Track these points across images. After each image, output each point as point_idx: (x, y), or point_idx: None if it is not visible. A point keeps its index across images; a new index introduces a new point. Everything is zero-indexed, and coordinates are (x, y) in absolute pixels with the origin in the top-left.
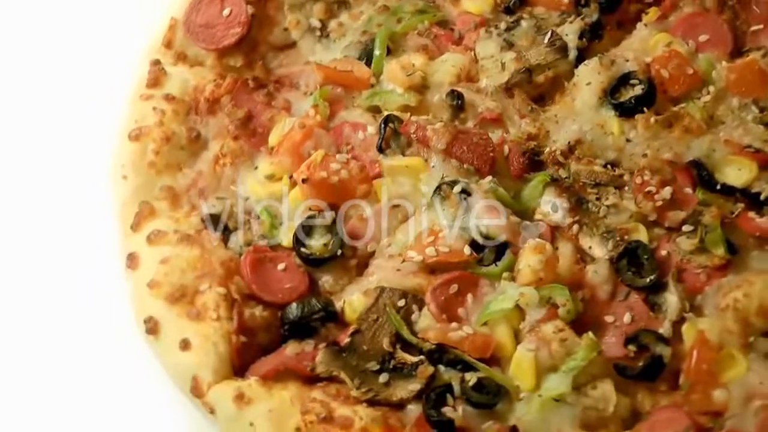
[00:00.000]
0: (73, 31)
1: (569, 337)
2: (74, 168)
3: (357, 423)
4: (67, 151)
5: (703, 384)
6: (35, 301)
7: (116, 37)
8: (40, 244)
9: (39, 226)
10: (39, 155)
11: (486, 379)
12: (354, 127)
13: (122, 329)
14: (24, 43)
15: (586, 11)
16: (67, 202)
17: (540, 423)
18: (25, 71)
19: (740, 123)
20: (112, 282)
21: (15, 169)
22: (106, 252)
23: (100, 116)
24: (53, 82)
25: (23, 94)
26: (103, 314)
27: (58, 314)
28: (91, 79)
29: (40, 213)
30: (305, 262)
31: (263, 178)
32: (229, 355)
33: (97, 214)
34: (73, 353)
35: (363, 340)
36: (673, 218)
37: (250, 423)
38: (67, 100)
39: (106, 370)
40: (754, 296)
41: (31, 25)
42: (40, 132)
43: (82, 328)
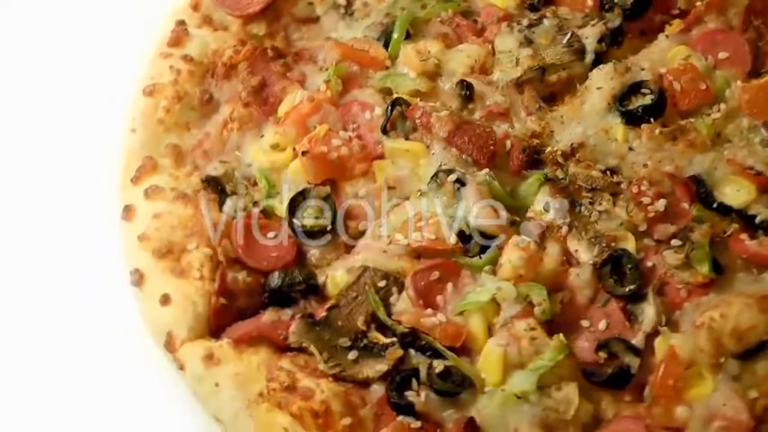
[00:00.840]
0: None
1: (540, 336)
2: (79, 156)
3: (318, 395)
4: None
5: (667, 399)
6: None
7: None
8: (43, 228)
9: (41, 212)
10: (44, 141)
11: (453, 368)
12: (362, 106)
13: (126, 329)
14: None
15: (609, 16)
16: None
17: (499, 418)
18: (35, 50)
19: (747, 144)
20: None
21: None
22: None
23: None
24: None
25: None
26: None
27: (59, 299)
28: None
29: (42, 200)
30: (295, 234)
31: (267, 147)
32: (206, 315)
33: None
34: (76, 341)
35: (339, 315)
36: (663, 231)
37: (216, 383)
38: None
39: (109, 357)
40: (730, 317)
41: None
42: (47, 118)
43: (85, 322)
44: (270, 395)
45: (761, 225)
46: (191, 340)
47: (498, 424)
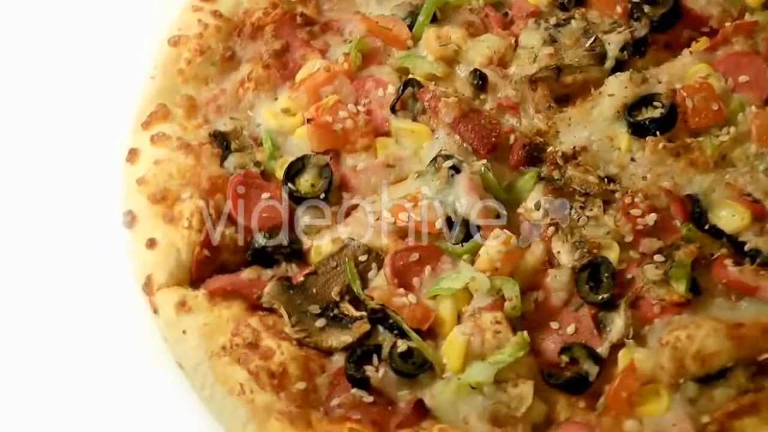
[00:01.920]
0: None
1: (503, 331)
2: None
3: (277, 357)
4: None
5: (618, 410)
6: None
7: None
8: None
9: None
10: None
11: (416, 350)
12: (377, 83)
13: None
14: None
15: (636, 25)
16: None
17: (451, 405)
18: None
19: (750, 170)
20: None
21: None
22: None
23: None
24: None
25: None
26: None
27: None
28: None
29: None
30: (290, 197)
31: (279, 110)
32: (188, 265)
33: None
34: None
35: (315, 283)
36: (648, 245)
37: (183, 331)
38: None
39: (112, 355)
40: (696, 340)
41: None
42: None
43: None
44: (232, 350)
45: (749, 253)
46: (169, 285)
47: (449, 410)
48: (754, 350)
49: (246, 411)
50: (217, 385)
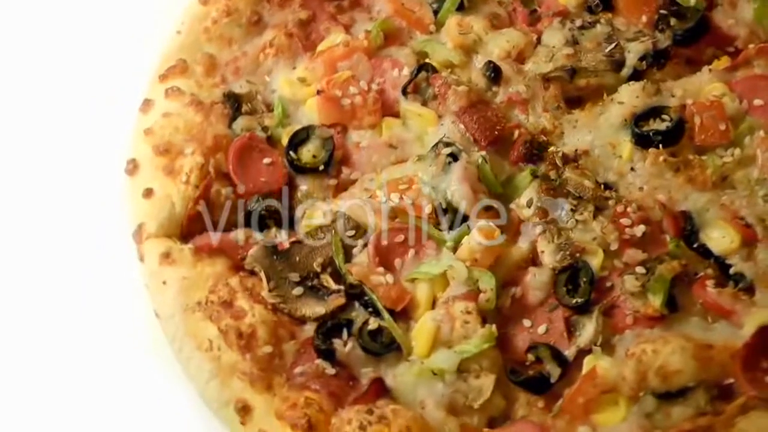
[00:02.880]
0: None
1: (472, 322)
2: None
3: (248, 318)
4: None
5: (572, 415)
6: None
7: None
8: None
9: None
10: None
11: (386, 329)
12: (394, 63)
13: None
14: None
15: (660, 36)
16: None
17: (411, 387)
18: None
19: (749, 194)
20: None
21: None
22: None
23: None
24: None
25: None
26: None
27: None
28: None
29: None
30: (290, 165)
31: (295, 79)
32: (180, 219)
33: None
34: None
35: (300, 251)
36: (632, 255)
37: (164, 281)
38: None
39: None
40: (661, 355)
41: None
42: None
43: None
44: (206, 306)
45: (733, 276)
46: (158, 236)
47: (408, 393)
48: (719, 374)
49: (211, 367)
50: (187, 338)
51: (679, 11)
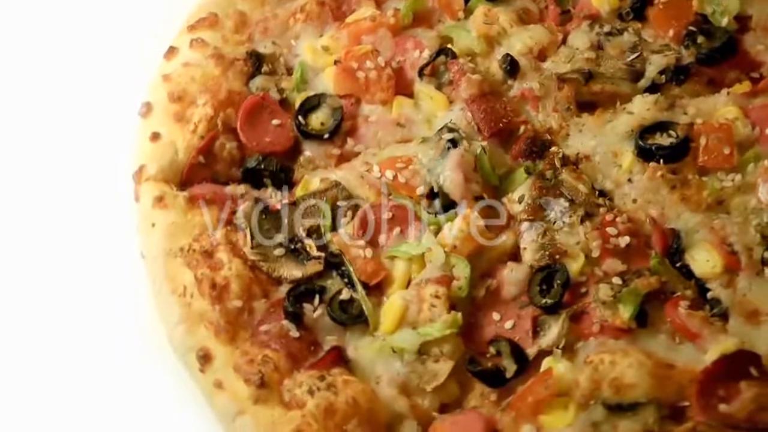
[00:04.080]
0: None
1: (439, 306)
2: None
3: (224, 271)
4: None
5: (520, 413)
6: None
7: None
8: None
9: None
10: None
11: (357, 301)
12: (416, 44)
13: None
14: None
15: (684, 52)
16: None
17: (368, 362)
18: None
19: (742, 222)
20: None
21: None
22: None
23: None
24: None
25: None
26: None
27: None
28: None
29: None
30: (297, 129)
31: (319, 47)
32: (182, 167)
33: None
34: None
35: (290, 214)
36: (611, 265)
37: (153, 223)
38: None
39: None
40: (617, 367)
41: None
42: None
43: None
44: (187, 253)
45: (710, 301)
46: (157, 180)
47: (366, 366)
48: (675, 395)
49: (181, 312)
50: (165, 281)
51: (709, 30)
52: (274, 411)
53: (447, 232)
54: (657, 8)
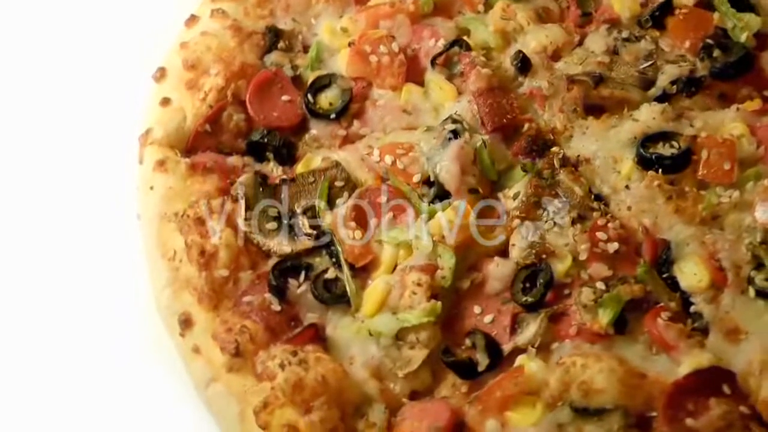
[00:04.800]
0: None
1: (420, 294)
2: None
3: (214, 239)
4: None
5: (487, 407)
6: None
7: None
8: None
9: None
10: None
11: (342, 282)
12: (433, 33)
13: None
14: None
15: (700, 64)
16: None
17: (345, 342)
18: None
19: (734, 239)
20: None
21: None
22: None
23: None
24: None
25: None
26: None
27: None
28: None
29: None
30: (305, 107)
31: (338, 28)
32: (188, 134)
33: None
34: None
35: (287, 190)
36: (596, 270)
37: (151, 186)
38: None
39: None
40: (588, 371)
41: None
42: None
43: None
44: (181, 219)
45: (692, 315)
46: (162, 144)
47: (342, 346)
48: (643, 404)
49: (168, 276)
50: (158, 244)
51: (726, 44)
52: (246, 381)
53: (436, 222)
54: (677, 18)
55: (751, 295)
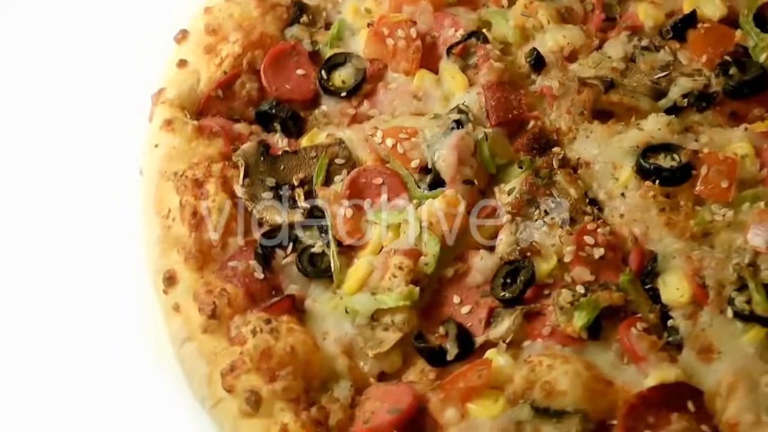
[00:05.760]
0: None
1: (399, 278)
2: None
3: (208, 202)
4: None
5: (449, 395)
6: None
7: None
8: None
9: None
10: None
11: (327, 257)
12: (454, 23)
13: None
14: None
15: (714, 80)
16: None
17: (321, 316)
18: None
19: (723, 259)
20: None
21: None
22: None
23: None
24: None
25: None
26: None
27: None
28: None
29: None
30: (318, 83)
31: (362, 8)
32: (200, 97)
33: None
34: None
35: (288, 161)
36: (579, 273)
37: (156, 144)
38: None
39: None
40: (553, 372)
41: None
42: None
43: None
44: (179, 178)
45: (669, 329)
46: (172, 105)
47: (317, 320)
48: (605, 412)
49: (160, 233)
50: (155, 201)
51: (744, 63)
52: (219, 343)
53: (425, 208)
54: (698, 32)
55: (729, 315)
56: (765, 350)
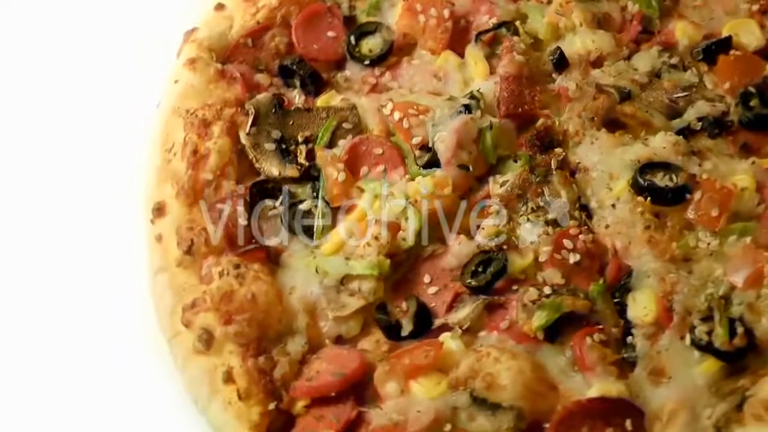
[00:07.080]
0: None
1: (373, 247)
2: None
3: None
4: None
5: (393, 369)
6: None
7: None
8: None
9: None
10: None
11: (313, 215)
12: (490, 10)
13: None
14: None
15: (733, 109)
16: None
17: (291, 271)
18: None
19: (698, 286)
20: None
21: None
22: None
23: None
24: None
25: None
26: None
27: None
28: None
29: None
30: (346, 48)
31: None
32: (230, 43)
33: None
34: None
35: (298, 118)
36: (550, 275)
37: (176, 80)
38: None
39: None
40: (498, 365)
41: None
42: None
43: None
44: (189, 116)
45: (627, 346)
46: (201, 45)
47: (288, 274)
48: (542, 413)
49: (159, 165)
50: (162, 133)
51: (766, 96)
52: (189, 279)
53: (414, 185)
54: (729, 58)
55: (687, 342)
56: (714, 384)
